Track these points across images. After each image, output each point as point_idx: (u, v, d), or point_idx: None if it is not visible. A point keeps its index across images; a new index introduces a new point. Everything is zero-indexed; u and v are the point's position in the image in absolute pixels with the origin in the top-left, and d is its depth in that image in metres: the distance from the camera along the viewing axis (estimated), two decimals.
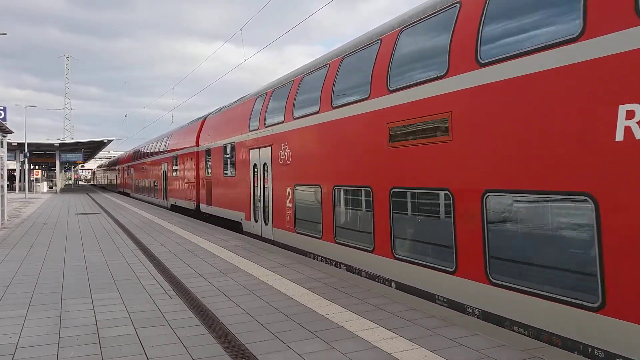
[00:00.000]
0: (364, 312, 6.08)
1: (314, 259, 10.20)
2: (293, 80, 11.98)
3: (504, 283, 5.64)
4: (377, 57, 8.20)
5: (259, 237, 13.61)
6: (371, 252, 8.35)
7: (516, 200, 5.71)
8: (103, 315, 6.12)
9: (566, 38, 4.96)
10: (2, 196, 18.14)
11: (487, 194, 5.90)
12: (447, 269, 6.55)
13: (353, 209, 9.30)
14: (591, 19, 4.73)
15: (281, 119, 12.21)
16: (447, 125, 6.52)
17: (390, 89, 7.77)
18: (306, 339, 5.15)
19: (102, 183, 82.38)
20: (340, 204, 9.62)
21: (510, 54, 5.62)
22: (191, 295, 7.10)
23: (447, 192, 6.58)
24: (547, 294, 5.11)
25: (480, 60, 6.01)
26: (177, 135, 25.95)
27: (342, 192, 9.52)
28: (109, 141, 52.06)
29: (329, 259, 9.80)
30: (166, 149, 27.36)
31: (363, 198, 8.73)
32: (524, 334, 5.31)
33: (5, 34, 27.92)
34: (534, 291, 5.28)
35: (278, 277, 8.15)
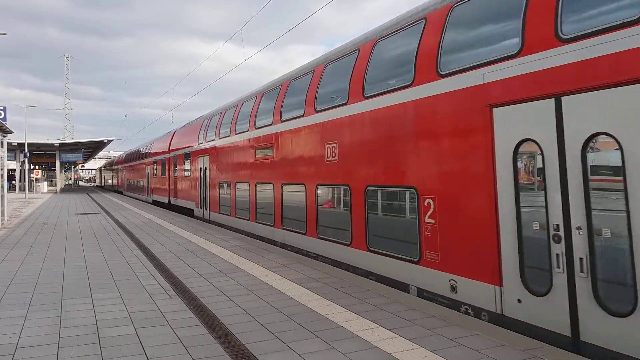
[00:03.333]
0: (364, 312, 6.08)
1: None
2: None
3: None
4: None
5: None
6: None
7: None
8: (103, 315, 6.12)
9: None
10: (2, 196, 18.15)
11: None
12: None
13: None
14: None
15: None
16: None
17: None
18: (306, 339, 5.15)
19: (113, 184, 62.99)
20: None
21: None
22: (191, 295, 7.10)
23: None
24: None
25: None
26: None
27: None
28: (109, 141, 52.04)
29: None
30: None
31: None
32: None
33: (5, 33, 27.84)
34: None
35: (278, 277, 8.15)
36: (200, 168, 19.90)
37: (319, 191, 10.39)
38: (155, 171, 31.42)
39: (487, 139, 6.07)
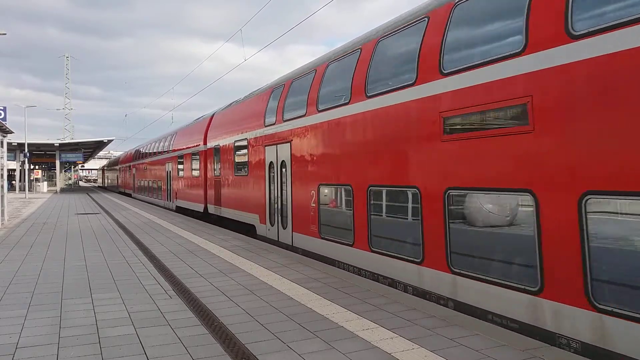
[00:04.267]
0: (364, 312, 6.08)
1: None
2: None
3: None
4: None
5: None
6: None
7: None
8: (103, 315, 6.12)
9: None
10: (2, 196, 18.15)
11: None
12: None
13: None
14: None
15: None
16: None
17: None
18: (306, 339, 5.15)
19: (118, 185, 54.94)
20: None
21: None
22: (191, 295, 7.10)
23: None
24: None
25: None
26: None
27: None
28: (109, 141, 52.12)
29: None
30: None
31: None
32: None
33: (5, 33, 27.86)
34: None
35: (278, 277, 8.15)
36: (271, 163, 12.93)
37: None
38: (180, 169, 23.71)
39: None
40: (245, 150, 15.04)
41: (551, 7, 5.30)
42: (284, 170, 12.17)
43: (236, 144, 15.94)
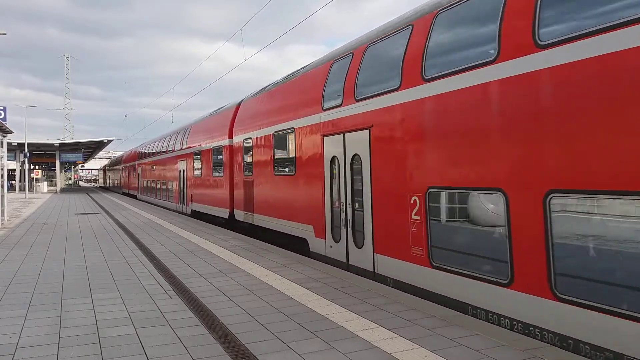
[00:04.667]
0: (364, 312, 6.08)
1: None
2: None
3: None
4: None
5: None
6: None
7: None
8: (103, 315, 6.12)
9: None
10: (2, 196, 18.16)
11: None
12: None
13: None
14: None
15: None
16: None
17: None
18: (306, 339, 5.15)
19: (122, 185, 50.96)
20: None
21: None
22: (191, 295, 7.10)
23: None
24: None
25: None
26: None
27: None
28: (109, 141, 52.13)
29: None
30: None
31: None
32: None
33: (5, 33, 27.86)
34: None
35: (278, 277, 8.15)
36: (334, 158, 9.92)
37: None
38: (197, 169, 20.98)
39: None
40: (290, 144, 12.00)
41: None
42: (356, 167, 9.15)
43: (276, 137, 12.88)
